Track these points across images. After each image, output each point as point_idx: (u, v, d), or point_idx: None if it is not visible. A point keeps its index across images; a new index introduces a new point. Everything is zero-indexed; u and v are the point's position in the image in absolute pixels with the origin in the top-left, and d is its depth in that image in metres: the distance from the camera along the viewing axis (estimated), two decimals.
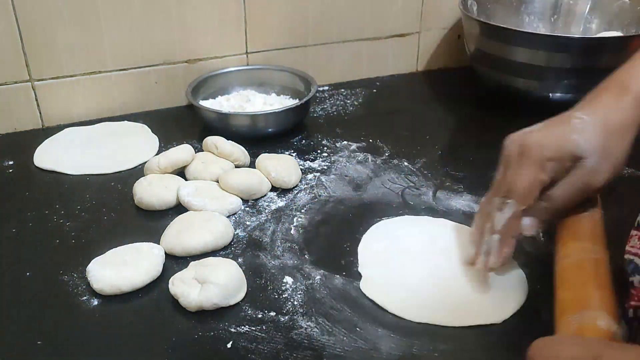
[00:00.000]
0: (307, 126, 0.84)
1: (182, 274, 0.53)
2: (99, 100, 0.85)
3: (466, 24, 0.93)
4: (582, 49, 0.81)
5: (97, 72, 0.83)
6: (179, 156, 0.69)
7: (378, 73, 1.01)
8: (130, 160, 0.74)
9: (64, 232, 0.62)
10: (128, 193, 0.68)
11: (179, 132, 0.82)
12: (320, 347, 0.47)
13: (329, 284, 0.54)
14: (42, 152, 0.76)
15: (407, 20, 1.00)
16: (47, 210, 0.65)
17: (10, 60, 0.78)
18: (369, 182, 0.70)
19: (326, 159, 0.75)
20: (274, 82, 0.89)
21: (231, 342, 0.48)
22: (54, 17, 0.78)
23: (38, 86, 0.81)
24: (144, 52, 0.85)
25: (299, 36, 0.93)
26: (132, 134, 0.81)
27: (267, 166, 0.69)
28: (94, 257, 0.56)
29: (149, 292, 0.54)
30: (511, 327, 0.50)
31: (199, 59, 0.88)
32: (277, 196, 0.68)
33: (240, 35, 0.89)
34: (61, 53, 0.80)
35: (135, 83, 0.86)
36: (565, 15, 1.00)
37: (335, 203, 0.66)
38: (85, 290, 0.53)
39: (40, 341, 0.48)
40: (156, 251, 0.56)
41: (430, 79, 1.02)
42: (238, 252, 0.59)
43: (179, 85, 0.87)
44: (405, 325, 0.50)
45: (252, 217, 0.64)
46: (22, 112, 0.81)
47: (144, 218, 0.64)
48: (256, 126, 0.79)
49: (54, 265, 0.57)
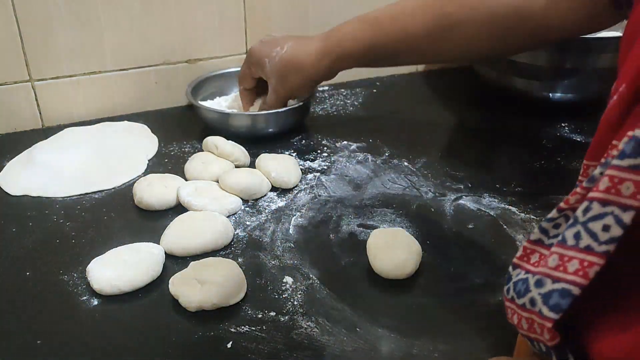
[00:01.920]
0: (307, 126, 0.84)
1: (182, 274, 0.53)
2: (99, 100, 0.85)
3: None
4: (582, 49, 0.81)
5: (97, 72, 0.83)
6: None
7: (378, 73, 1.01)
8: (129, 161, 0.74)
9: (64, 232, 0.62)
10: (128, 193, 0.68)
11: (179, 132, 0.82)
12: (320, 347, 0.47)
13: (329, 284, 0.54)
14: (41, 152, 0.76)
15: None
16: (47, 210, 0.65)
17: (10, 60, 0.78)
18: (369, 182, 0.70)
19: (326, 159, 0.75)
20: None
21: (231, 342, 0.48)
22: (54, 17, 0.78)
23: (38, 86, 0.81)
24: (144, 52, 0.85)
25: None
26: (132, 134, 0.81)
27: (267, 166, 0.69)
28: (94, 257, 0.56)
29: (149, 292, 0.54)
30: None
31: (199, 59, 0.88)
32: (277, 196, 0.68)
33: (240, 35, 0.89)
34: (61, 53, 0.80)
35: (135, 83, 0.86)
36: None
37: (335, 203, 0.67)
38: (85, 290, 0.53)
39: (40, 341, 0.48)
40: (156, 251, 0.56)
41: (430, 79, 1.02)
42: (238, 252, 0.59)
43: (179, 85, 0.87)
44: (405, 325, 0.50)
45: (252, 217, 0.64)
46: (22, 112, 0.81)
47: (144, 218, 0.64)
48: (256, 126, 0.79)
49: (54, 265, 0.57)
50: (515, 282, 0.35)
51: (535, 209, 0.64)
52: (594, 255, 0.30)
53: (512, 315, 0.35)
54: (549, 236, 0.36)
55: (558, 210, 0.35)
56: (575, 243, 0.31)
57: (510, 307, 0.35)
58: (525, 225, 0.62)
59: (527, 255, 0.37)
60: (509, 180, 0.70)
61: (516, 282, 0.35)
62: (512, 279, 0.36)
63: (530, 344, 0.36)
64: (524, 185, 0.69)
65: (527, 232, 0.61)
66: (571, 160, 0.75)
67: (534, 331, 0.33)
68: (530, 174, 0.72)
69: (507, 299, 0.36)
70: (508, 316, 0.36)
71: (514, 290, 0.35)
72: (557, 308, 0.31)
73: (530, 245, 0.37)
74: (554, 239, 0.35)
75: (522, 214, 0.64)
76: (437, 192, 0.69)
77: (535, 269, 0.34)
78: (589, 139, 0.78)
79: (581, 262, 0.31)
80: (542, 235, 0.36)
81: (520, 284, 0.34)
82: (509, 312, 0.36)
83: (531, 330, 0.34)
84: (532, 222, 0.62)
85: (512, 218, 0.63)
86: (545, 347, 0.34)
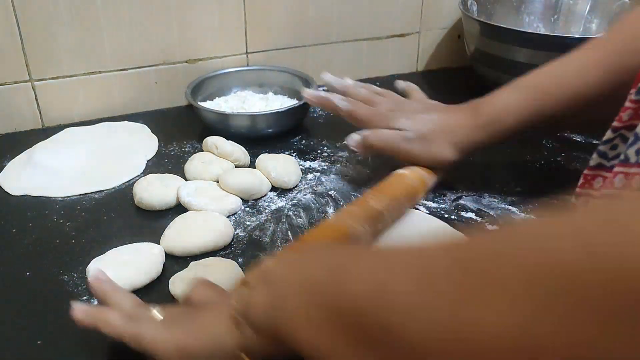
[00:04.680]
0: (307, 126, 0.84)
1: (182, 274, 0.53)
2: (99, 100, 0.85)
3: (466, 24, 0.93)
4: None
5: (97, 72, 0.83)
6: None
7: (378, 73, 1.02)
8: (129, 161, 0.74)
9: (64, 232, 0.62)
10: (128, 193, 0.68)
11: (179, 132, 0.82)
12: None
13: None
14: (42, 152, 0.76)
15: (407, 20, 1.00)
16: (47, 210, 0.65)
17: (10, 60, 0.78)
18: (369, 182, 0.70)
19: (326, 159, 0.75)
20: (273, 83, 0.89)
21: None
22: (54, 17, 0.78)
23: (38, 86, 0.81)
24: (144, 52, 0.85)
25: (299, 36, 0.93)
26: (132, 134, 0.81)
27: (267, 166, 0.69)
28: (94, 257, 0.56)
29: (149, 292, 0.53)
30: None
31: (199, 59, 0.88)
32: (277, 196, 0.68)
33: (240, 35, 0.89)
34: (61, 53, 0.80)
35: (135, 83, 0.86)
36: (565, 15, 1.00)
37: (335, 203, 0.66)
38: (85, 290, 0.53)
39: (40, 341, 0.48)
40: (156, 251, 0.56)
41: (430, 79, 1.02)
42: (238, 252, 0.59)
43: (179, 85, 0.87)
44: None
45: (252, 217, 0.64)
46: (22, 112, 0.81)
47: (144, 218, 0.64)
48: (256, 126, 0.79)
49: (54, 265, 0.57)
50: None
51: (535, 209, 0.64)
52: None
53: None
54: (609, 158, 0.34)
55: (613, 130, 0.34)
56: (637, 159, 0.30)
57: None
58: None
59: (588, 182, 0.35)
60: (509, 180, 0.70)
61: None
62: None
63: None
64: (524, 185, 0.69)
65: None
66: (571, 160, 0.75)
67: None
68: (530, 174, 0.72)
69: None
70: None
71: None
72: None
73: (591, 172, 0.35)
74: (615, 160, 0.34)
75: (522, 214, 0.64)
76: (437, 192, 0.68)
77: (599, 193, 0.33)
78: (589, 139, 0.78)
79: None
80: (601, 159, 0.35)
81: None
82: None
83: None
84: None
85: (512, 218, 0.63)
86: None
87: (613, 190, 0.31)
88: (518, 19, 1.00)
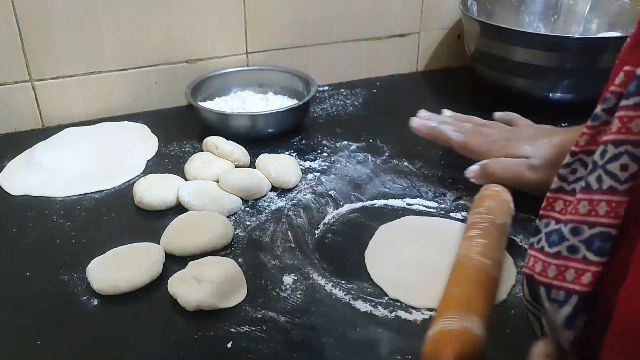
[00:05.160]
0: (307, 126, 0.84)
1: (180, 273, 0.53)
2: (99, 100, 0.85)
3: (466, 24, 0.93)
4: (582, 49, 0.81)
5: (97, 72, 0.83)
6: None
7: (378, 73, 1.02)
8: (129, 161, 0.74)
9: (64, 232, 0.62)
10: (128, 193, 0.68)
11: (178, 132, 0.82)
12: (320, 347, 0.47)
13: (329, 284, 0.54)
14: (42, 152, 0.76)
15: (407, 20, 1.00)
16: (47, 210, 0.65)
17: (10, 60, 0.78)
18: (369, 182, 0.70)
19: (326, 159, 0.75)
20: (273, 83, 0.89)
21: (231, 342, 0.48)
22: (54, 17, 0.78)
23: (38, 86, 0.81)
24: (144, 52, 0.85)
25: (299, 36, 0.93)
26: (132, 134, 0.81)
27: (267, 166, 0.69)
28: (94, 257, 0.56)
29: (149, 292, 0.53)
30: (512, 326, 0.50)
31: (199, 59, 0.88)
32: (277, 196, 0.68)
33: (240, 35, 0.89)
34: (61, 53, 0.80)
35: (135, 83, 0.86)
36: (565, 15, 1.00)
37: (335, 203, 0.66)
38: (85, 290, 0.53)
39: (40, 341, 0.48)
40: (156, 251, 0.56)
41: (430, 79, 1.02)
42: (238, 252, 0.59)
43: (178, 85, 0.87)
44: (406, 325, 0.50)
45: (252, 217, 0.64)
46: (22, 112, 0.81)
47: (144, 218, 0.64)
48: (256, 126, 0.79)
49: (54, 265, 0.57)
50: (548, 233, 0.35)
51: (535, 209, 0.64)
52: (619, 195, 0.31)
53: (534, 263, 0.35)
54: (569, 182, 0.36)
55: (571, 154, 0.35)
56: (599, 186, 0.32)
57: (535, 256, 0.35)
58: (525, 225, 0.62)
59: (550, 204, 0.37)
60: None
61: (548, 232, 0.35)
62: (542, 230, 0.36)
63: (531, 305, 0.37)
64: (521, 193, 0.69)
65: (527, 232, 0.61)
66: None
67: (562, 279, 0.33)
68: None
69: (534, 248, 0.36)
70: (527, 265, 0.36)
71: (545, 240, 0.35)
72: (602, 250, 0.31)
73: (553, 195, 0.37)
74: (574, 184, 0.36)
75: (522, 213, 0.63)
76: (437, 192, 0.69)
77: (565, 217, 0.34)
78: None
79: (608, 203, 0.31)
80: (561, 183, 0.37)
81: (554, 235, 0.35)
82: (530, 261, 0.36)
83: (558, 277, 0.33)
84: (532, 222, 0.62)
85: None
86: (565, 295, 0.33)
87: (581, 217, 0.33)
88: (518, 19, 1.00)
